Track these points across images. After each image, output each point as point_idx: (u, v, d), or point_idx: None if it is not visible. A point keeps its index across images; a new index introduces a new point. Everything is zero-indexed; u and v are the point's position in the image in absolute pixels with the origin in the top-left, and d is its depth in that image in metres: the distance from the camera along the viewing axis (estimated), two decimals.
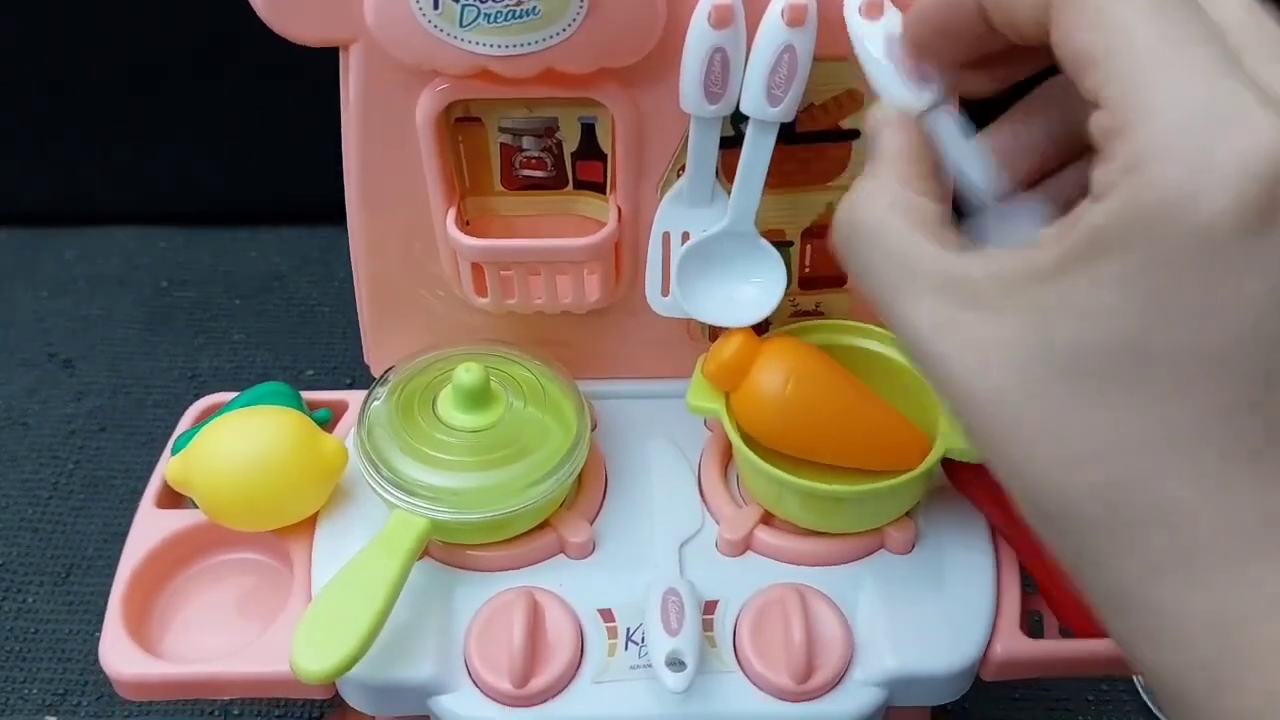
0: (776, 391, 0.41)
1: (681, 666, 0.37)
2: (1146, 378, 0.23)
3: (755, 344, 0.42)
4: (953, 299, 0.26)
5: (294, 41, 0.39)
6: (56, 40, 0.71)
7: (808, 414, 0.41)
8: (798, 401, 0.41)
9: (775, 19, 0.38)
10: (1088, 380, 0.24)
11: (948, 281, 0.26)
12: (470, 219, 0.45)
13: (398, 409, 0.42)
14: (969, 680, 0.41)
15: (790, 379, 0.41)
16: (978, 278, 0.26)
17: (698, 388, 0.42)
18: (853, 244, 0.29)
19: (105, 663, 0.39)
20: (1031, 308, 0.24)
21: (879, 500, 0.41)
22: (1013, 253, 0.25)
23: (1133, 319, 0.23)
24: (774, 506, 0.43)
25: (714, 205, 0.43)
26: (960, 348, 0.26)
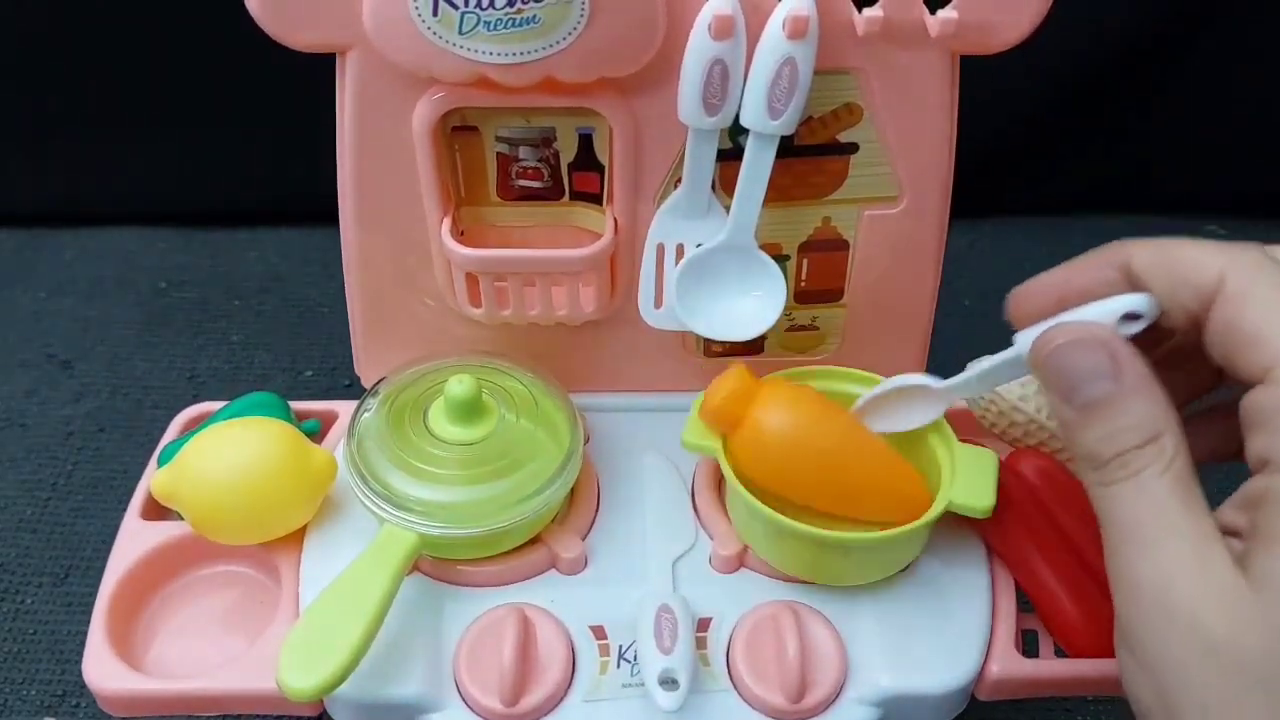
0: (778, 434, 0.40)
1: (675, 685, 0.37)
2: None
3: (752, 386, 0.41)
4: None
5: (290, 48, 0.39)
6: (56, 41, 0.71)
7: (810, 458, 0.40)
8: (801, 445, 0.40)
9: (776, 31, 0.37)
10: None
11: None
12: (465, 229, 0.44)
13: (388, 421, 0.41)
14: (965, 700, 0.41)
15: (793, 422, 0.40)
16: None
17: (694, 426, 0.42)
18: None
19: (89, 678, 0.39)
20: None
21: (882, 550, 0.40)
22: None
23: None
24: (762, 548, 0.42)
25: (710, 217, 0.42)
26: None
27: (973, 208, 0.69)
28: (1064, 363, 0.31)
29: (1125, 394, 0.30)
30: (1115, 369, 0.30)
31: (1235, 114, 0.75)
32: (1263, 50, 0.72)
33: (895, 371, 0.48)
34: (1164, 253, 0.31)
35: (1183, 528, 0.28)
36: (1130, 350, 0.31)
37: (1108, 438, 0.30)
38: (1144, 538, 0.29)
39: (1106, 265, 0.32)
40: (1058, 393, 0.31)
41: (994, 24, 0.39)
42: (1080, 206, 0.81)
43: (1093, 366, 0.31)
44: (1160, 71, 0.73)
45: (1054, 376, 0.32)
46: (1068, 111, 0.75)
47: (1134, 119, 0.76)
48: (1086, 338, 0.31)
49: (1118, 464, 0.30)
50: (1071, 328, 0.32)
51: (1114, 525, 0.30)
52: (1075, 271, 0.33)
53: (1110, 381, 0.30)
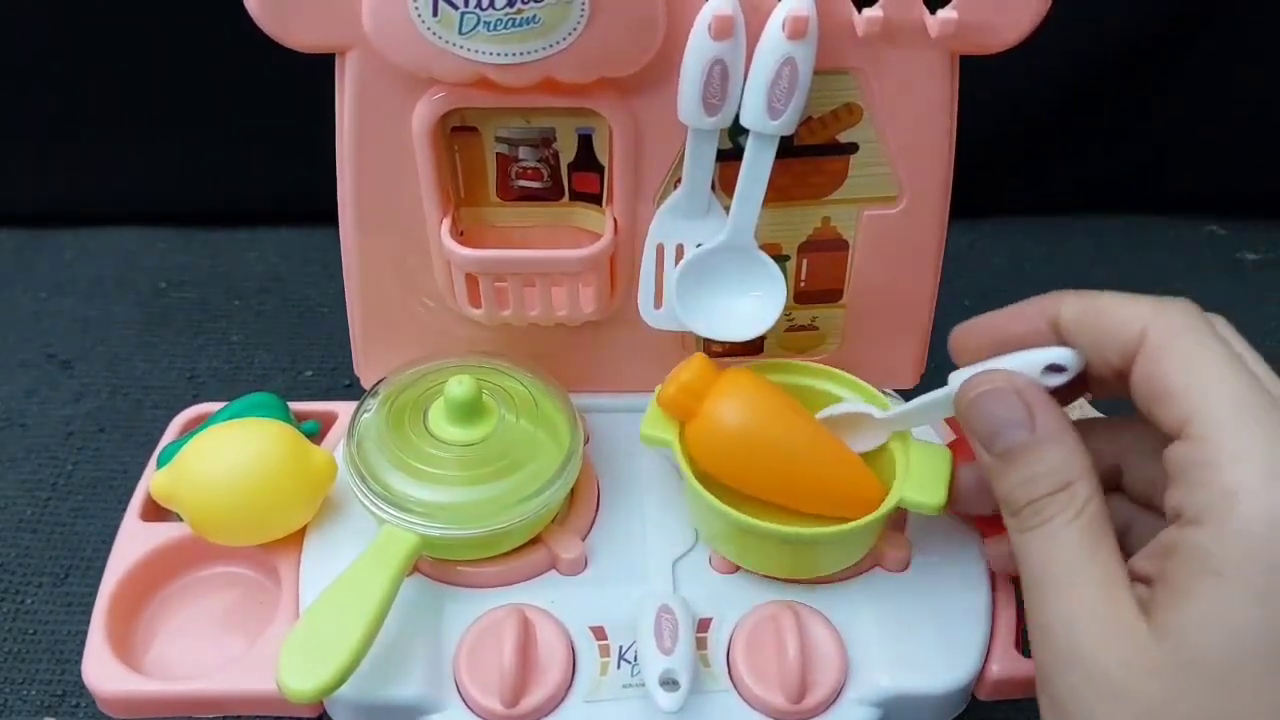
0: (732, 423, 0.40)
1: (675, 686, 0.37)
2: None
3: (709, 376, 0.41)
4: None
5: (290, 48, 0.39)
6: (56, 41, 0.70)
7: (762, 449, 0.41)
8: (753, 436, 0.40)
9: (776, 31, 0.37)
10: (1227, 679, 0.27)
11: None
12: (465, 229, 0.44)
13: (388, 422, 0.41)
14: (965, 700, 0.41)
15: (747, 412, 0.40)
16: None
17: (653, 417, 0.42)
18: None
19: (88, 679, 0.39)
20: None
21: (831, 545, 0.40)
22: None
23: (1272, 628, 0.27)
24: (716, 542, 0.42)
25: (709, 218, 0.42)
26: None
27: (973, 208, 0.69)
28: (984, 411, 0.33)
29: (1038, 443, 0.31)
30: (1029, 419, 0.32)
31: (1235, 114, 0.75)
32: (1263, 50, 0.72)
33: (895, 372, 0.48)
34: (1090, 307, 0.33)
35: (1090, 574, 0.30)
36: (1046, 400, 0.32)
37: (1022, 484, 0.31)
38: (1052, 583, 0.30)
39: (1038, 316, 0.34)
40: (979, 439, 0.33)
41: (994, 24, 0.39)
42: (1080, 206, 0.80)
43: (1009, 416, 0.32)
44: (1160, 71, 0.73)
45: (975, 423, 0.33)
46: (1068, 111, 0.75)
47: (1134, 119, 0.75)
48: (1004, 387, 0.33)
49: (1030, 511, 0.31)
50: (992, 376, 0.33)
51: (1027, 570, 0.31)
52: (1011, 319, 0.35)
53: (1025, 430, 0.32)
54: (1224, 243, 0.80)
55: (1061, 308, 0.33)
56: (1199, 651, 0.27)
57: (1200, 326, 0.30)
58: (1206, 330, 0.30)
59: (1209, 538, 0.28)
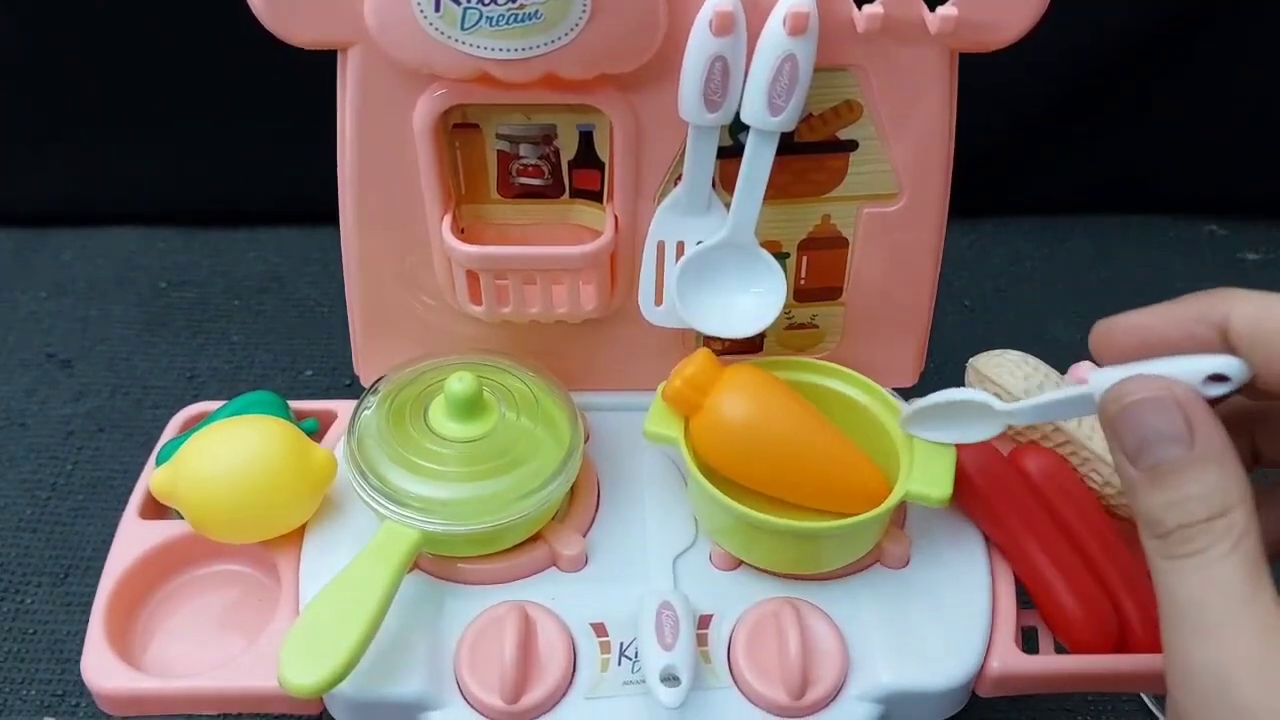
0: (736, 417, 0.40)
1: (676, 682, 0.37)
2: None
3: (718, 366, 0.41)
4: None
5: (293, 45, 0.39)
6: (56, 41, 0.71)
7: (766, 443, 0.41)
8: (757, 429, 0.40)
9: (777, 27, 0.38)
10: None
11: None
12: (465, 226, 0.44)
13: (388, 419, 0.41)
14: (966, 696, 0.41)
15: (751, 406, 0.40)
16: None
17: (657, 414, 0.42)
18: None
19: (88, 676, 0.39)
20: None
21: (837, 539, 0.40)
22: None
23: None
24: (720, 536, 0.42)
25: (710, 214, 0.42)
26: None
27: (973, 208, 0.69)
28: (1136, 420, 0.29)
29: (1196, 461, 0.28)
30: (1189, 434, 0.28)
31: (1235, 114, 0.75)
32: (1263, 50, 0.72)
33: (894, 370, 0.48)
34: (1265, 315, 0.29)
35: (1246, 617, 0.27)
36: (1209, 415, 0.29)
37: (1173, 506, 0.28)
38: (1204, 622, 0.27)
39: (1201, 321, 0.30)
40: (1124, 449, 0.30)
41: (993, 22, 0.39)
42: (1080, 206, 0.81)
43: (1166, 429, 0.29)
44: (1160, 71, 0.73)
45: (1123, 432, 0.30)
46: (1068, 111, 0.75)
47: (1134, 119, 0.76)
48: (1163, 397, 0.29)
49: (1181, 537, 0.28)
50: (1149, 383, 0.29)
51: (1172, 602, 0.28)
52: (1166, 319, 0.31)
53: (1182, 447, 0.28)
54: (1224, 243, 0.80)
55: (1233, 312, 0.29)
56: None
57: None
58: None
59: None
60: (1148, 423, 0.29)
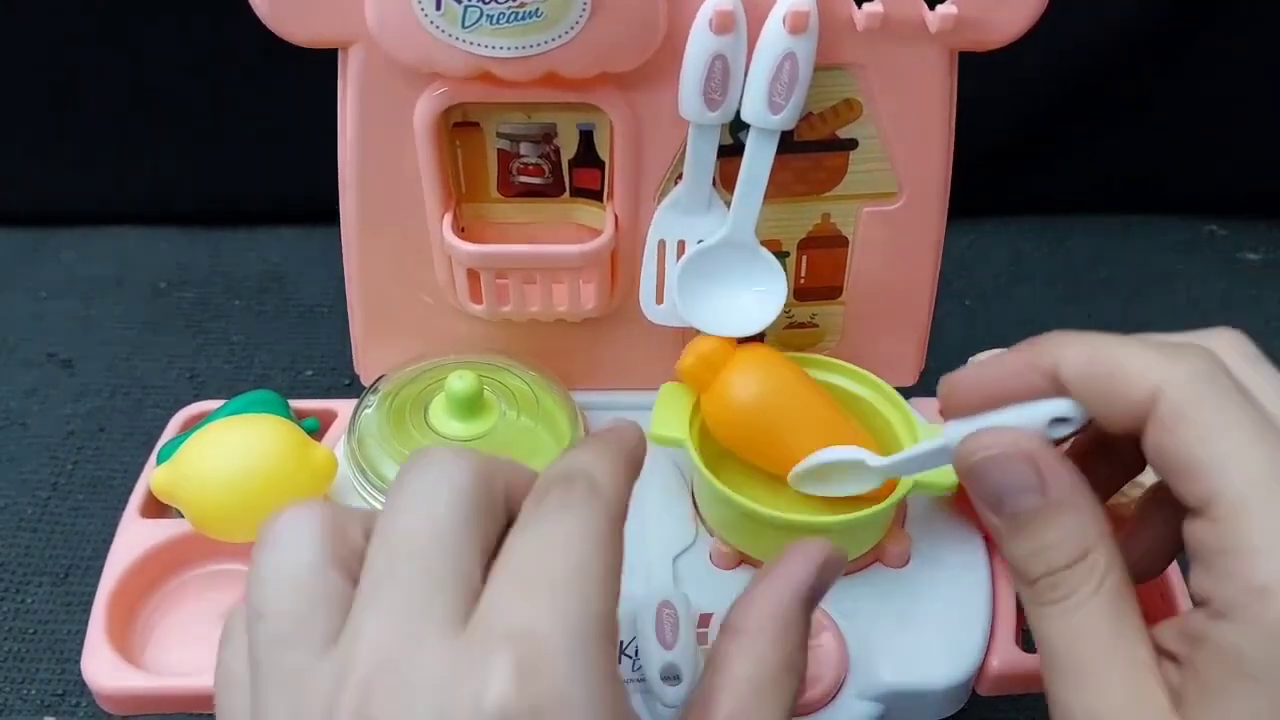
0: (748, 391, 0.41)
1: (677, 680, 0.37)
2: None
3: (726, 350, 0.42)
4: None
5: (294, 43, 0.39)
6: (56, 41, 0.71)
7: (776, 418, 0.41)
8: (767, 404, 0.41)
9: (777, 26, 0.38)
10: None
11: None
12: (466, 225, 0.44)
13: (389, 417, 0.41)
14: (966, 695, 0.41)
15: (764, 382, 0.41)
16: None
17: (662, 417, 0.41)
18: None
19: (88, 675, 0.39)
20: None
21: (842, 534, 0.40)
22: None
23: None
24: (724, 530, 0.42)
25: (711, 213, 0.42)
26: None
27: (973, 207, 0.69)
28: (988, 474, 0.30)
29: (1051, 508, 0.29)
30: (1041, 482, 0.29)
31: (1235, 114, 0.75)
32: (1263, 50, 0.72)
33: (894, 370, 0.48)
34: (1094, 362, 0.29)
35: (1115, 658, 0.27)
36: (1057, 460, 0.29)
37: (1035, 554, 0.29)
38: (1075, 667, 0.28)
39: (1033, 370, 0.30)
40: (982, 501, 0.30)
41: (993, 20, 0.39)
42: (1080, 206, 0.80)
43: (1017, 480, 0.29)
44: (1160, 71, 0.73)
45: (979, 486, 0.30)
46: (1068, 111, 0.75)
47: (1134, 118, 0.76)
48: (1011, 450, 0.30)
49: (1047, 585, 0.29)
50: (996, 436, 0.30)
51: (1047, 650, 0.29)
52: (1004, 372, 0.31)
53: (1036, 495, 0.29)
54: (1224, 243, 0.80)
55: (1060, 360, 0.30)
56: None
57: (1218, 384, 0.27)
58: (1226, 388, 0.27)
59: (1240, 637, 0.25)
60: (1000, 475, 0.30)
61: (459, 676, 0.24)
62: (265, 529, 0.27)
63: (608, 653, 0.25)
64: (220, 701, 0.27)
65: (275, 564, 0.27)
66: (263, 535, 0.27)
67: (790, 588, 0.30)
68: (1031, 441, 0.30)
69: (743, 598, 0.31)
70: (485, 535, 0.27)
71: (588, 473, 0.28)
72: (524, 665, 0.24)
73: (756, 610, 0.30)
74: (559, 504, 0.27)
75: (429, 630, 0.24)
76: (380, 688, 0.24)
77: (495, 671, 0.23)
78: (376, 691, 0.24)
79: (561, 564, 0.26)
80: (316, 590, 0.26)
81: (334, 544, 0.27)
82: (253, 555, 0.27)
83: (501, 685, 0.23)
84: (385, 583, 0.26)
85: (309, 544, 0.26)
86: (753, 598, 0.31)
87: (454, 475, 0.27)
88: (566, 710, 0.24)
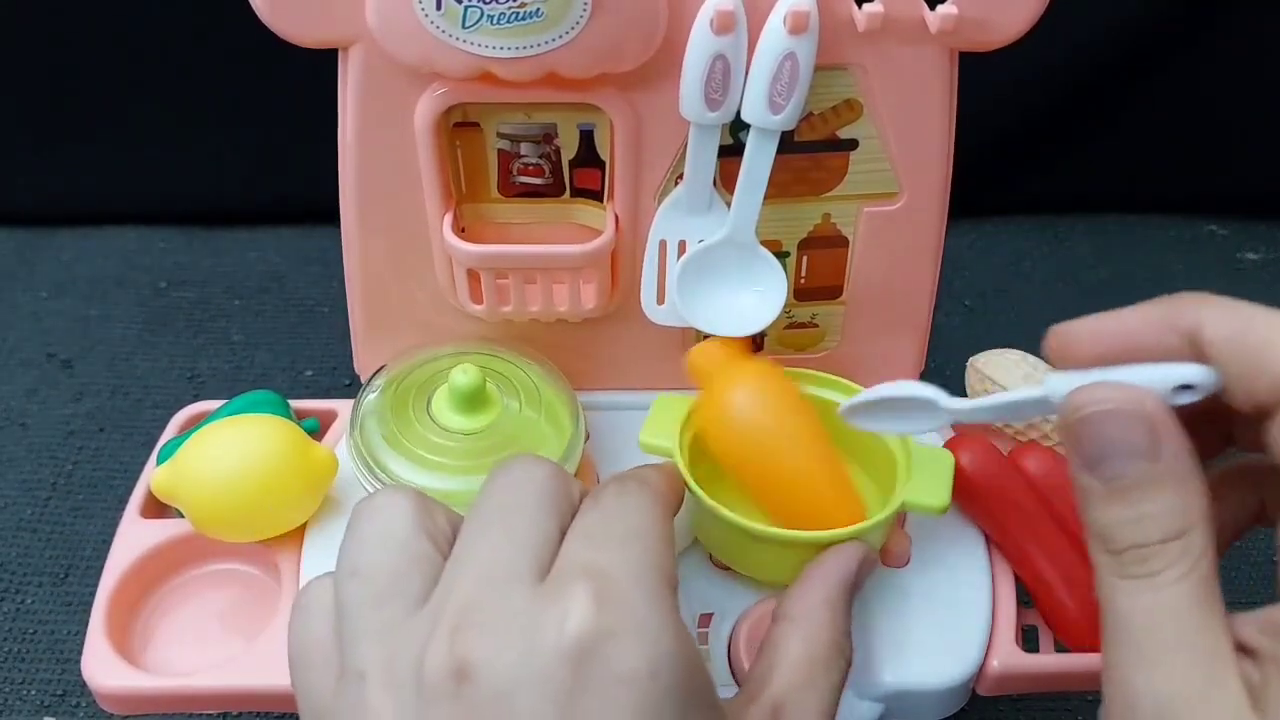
0: (740, 412, 0.39)
1: None
2: None
3: (734, 353, 0.41)
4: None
5: (294, 43, 0.39)
6: (56, 40, 0.71)
7: (760, 449, 0.39)
8: (755, 432, 0.39)
9: (777, 26, 0.38)
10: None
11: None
12: (466, 225, 0.44)
13: (391, 409, 0.42)
14: (966, 695, 0.41)
15: (757, 409, 0.39)
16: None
17: (653, 427, 0.41)
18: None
19: (88, 675, 0.39)
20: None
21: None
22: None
23: None
24: (717, 550, 0.41)
25: (711, 213, 0.42)
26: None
27: (973, 207, 0.69)
28: (1099, 429, 0.28)
29: (1159, 479, 0.27)
30: (1154, 449, 0.27)
31: (1236, 114, 0.75)
32: (1264, 50, 0.72)
33: (894, 369, 0.48)
34: (1244, 329, 0.27)
35: (1195, 647, 0.26)
36: (1175, 428, 0.27)
37: (1129, 523, 0.27)
38: (1151, 647, 0.26)
39: (1170, 329, 0.28)
40: (1081, 458, 0.28)
41: (993, 21, 0.39)
42: (1080, 206, 0.81)
43: (1129, 441, 0.27)
44: (1161, 71, 0.73)
45: (1084, 439, 0.28)
46: (1068, 110, 0.75)
47: (1134, 118, 0.76)
48: (1130, 409, 0.27)
49: (1134, 557, 0.27)
50: (1118, 391, 0.28)
51: (1118, 622, 0.27)
52: (1133, 326, 0.29)
53: (1145, 462, 0.27)
54: (1224, 243, 0.80)
55: (1205, 322, 0.28)
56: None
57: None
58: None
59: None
60: (1112, 433, 0.27)
61: (542, 610, 0.26)
62: (361, 505, 0.30)
63: (672, 597, 0.28)
64: (298, 665, 0.29)
65: (373, 530, 0.29)
66: (359, 510, 0.30)
67: (836, 577, 0.35)
68: (1153, 403, 0.27)
69: (792, 588, 0.35)
70: (561, 513, 0.30)
71: (639, 474, 0.33)
72: (601, 593, 0.26)
73: (807, 598, 0.34)
74: (616, 492, 0.31)
75: (514, 580, 0.27)
76: (470, 626, 0.26)
77: (575, 600, 0.26)
78: (466, 630, 0.26)
79: (622, 527, 0.29)
80: (411, 551, 0.29)
81: (424, 518, 0.30)
82: (349, 526, 0.30)
83: (582, 610, 0.26)
84: (473, 546, 0.29)
85: (404, 514, 0.29)
86: (803, 588, 0.35)
87: (534, 470, 0.31)
88: (639, 634, 0.26)
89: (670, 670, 0.26)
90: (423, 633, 0.27)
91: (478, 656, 0.26)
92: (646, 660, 0.26)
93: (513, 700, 0.25)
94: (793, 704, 0.31)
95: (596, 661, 0.25)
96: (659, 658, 0.26)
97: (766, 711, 0.31)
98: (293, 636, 0.30)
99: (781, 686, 0.31)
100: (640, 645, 0.26)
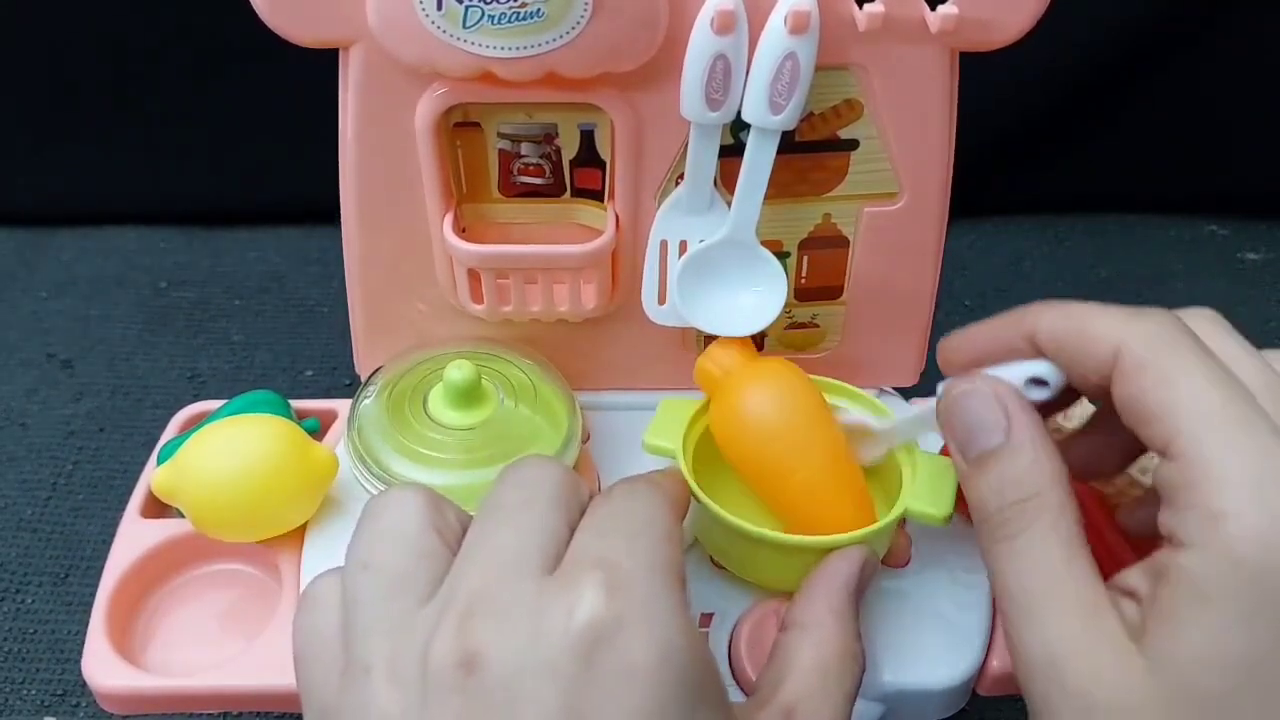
0: (752, 412, 0.39)
1: None
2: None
3: (744, 356, 0.41)
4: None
5: (294, 43, 0.39)
6: (56, 40, 0.71)
7: (783, 447, 0.39)
8: (760, 423, 0.39)
9: (778, 26, 0.38)
10: (1220, 709, 0.26)
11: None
12: (466, 225, 0.44)
13: (388, 407, 0.42)
14: (966, 695, 0.40)
15: (762, 399, 0.39)
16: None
17: (657, 429, 0.41)
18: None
19: (88, 675, 0.39)
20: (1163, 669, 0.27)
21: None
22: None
23: (1260, 654, 0.26)
24: (718, 555, 0.41)
25: (712, 213, 0.42)
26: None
27: (973, 207, 0.69)
28: (961, 411, 0.32)
29: (1012, 448, 0.31)
30: (1006, 423, 0.31)
31: (1236, 114, 0.75)
32: (1264, 50, 0.72)
33: (895, 369, 0.48)
34: (1066, 324, 0.32)
35: (1067, 593, 0.29)
36: (1024, 407, 0.32)
37: (993, 490, 0.31)
38: (1029, 603, 0.29)
39: (1014, 333, 0.33)
40: (955, 444, 0.33)
41: (994, 21, 0.39)
42: (1080, 206, 0.81)
43: (985, 418, 0.32)
44: (1161, 71, 0.74)
45: (954, 425, 0.33)
46: (1068, 110, 0.75)
47: (1134, 118, 0.76)
48: (983, 390, 0.32)
49: (1000, 519, 0.30)
50: (971, 378, 0.33)
51: (1002, 588, 0.30)
52: (991, 335, 0.34)
53: (1000, 434, 0.31)
54: (1224, 243, 0.80)
55: (1039, 324, 0.32)
56: (1191, 682, 0.26)
57: (1177, 338, 0.29)
58: (1185, 341, 0.29)
59: (1197, 562, 0.27)
60: (971, 413, 0.32)
61: (552, 599, 0.27)
62: (373, 501, 0.31)
63: (681, 591, 0.28)
64: (304, 659, 0.29)
65: (384, 525, 0.30)
66: (370, 506, 0.31)
67: (840, 583, 0.35)
68: (1003, 387, 0.32)
69: (798, 596, 0.36)
70: (570, 512, 0.30)
71: (648, 477, 0.34)
72: (611, 583, 0.27)
73: (814, 606, 0.35)
74: (626, 491, 0.32)
75: (523, 571, 0.28)
76: (477, 614, 0.26)
77: (585, 589, 0.26)
78: (474, 619, 0.26)
79: (632, 522, 0.30)
80: (421, 547, 0.29)
81: (435, 515, 0.30)
82: (360, 522, 0.30)
83: (592, 599, 0.26)
84: (483, 540, 0.29)
85: (415, 511, 0.30)
86: (809, 596, 0.35)
87: (544, 470, 0.31)
88: (650, 624, 0.26)
89: (680, 663, 0.26)
90: (429, 625, 0.27)
91: (485, 645, 0.26)
92: (657, 651, 0.26)
93: (519, 688, 0.25)
94: (805, 710, 0.31)
95: (606, 651, 0.26)
96: (669, 649, 0.26)
97: (778, 715, 0.31)
98: (299, 631, 0.30)
99: (794, 693, 0.32)
100: (650, 636, 0.26)
